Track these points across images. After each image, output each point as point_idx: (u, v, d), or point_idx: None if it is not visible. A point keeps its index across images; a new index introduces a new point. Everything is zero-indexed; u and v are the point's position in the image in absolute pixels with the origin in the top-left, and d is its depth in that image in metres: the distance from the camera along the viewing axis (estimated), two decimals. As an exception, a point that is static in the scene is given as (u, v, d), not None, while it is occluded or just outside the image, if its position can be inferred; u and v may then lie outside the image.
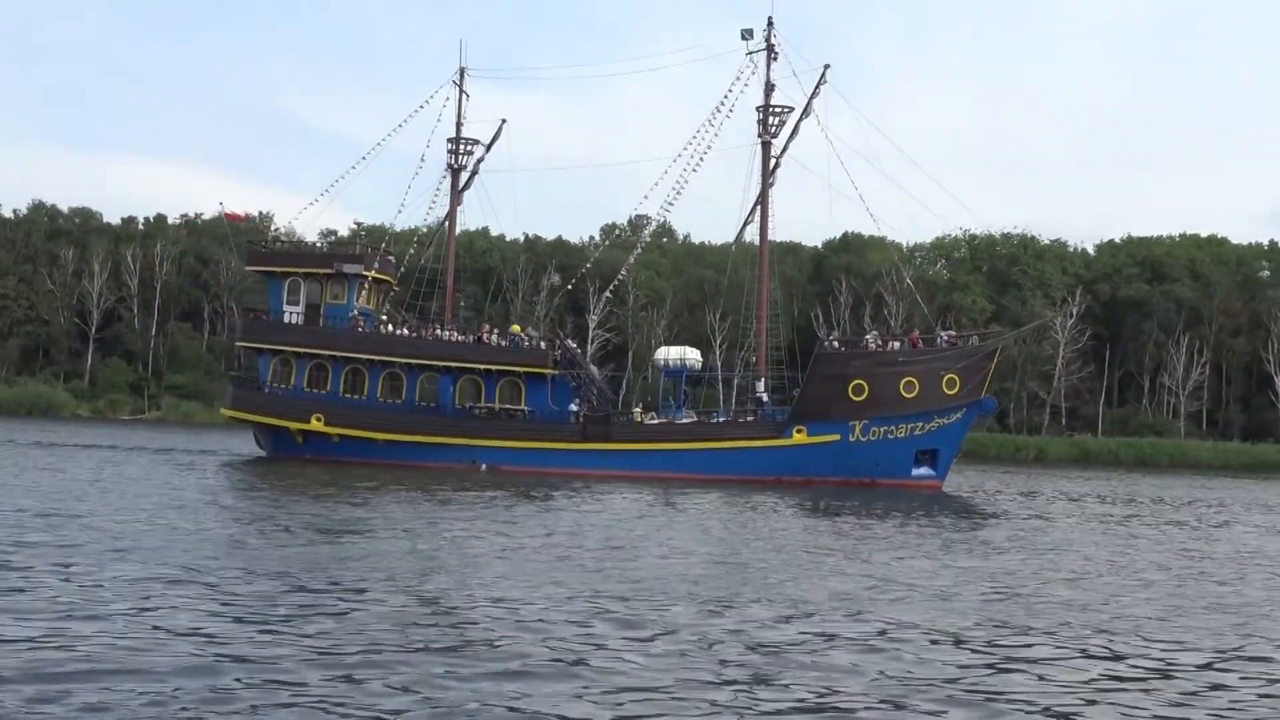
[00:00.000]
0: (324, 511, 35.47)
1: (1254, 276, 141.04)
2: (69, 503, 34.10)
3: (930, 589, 24.16)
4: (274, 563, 23.90)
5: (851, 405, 62.52)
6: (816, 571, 26.28)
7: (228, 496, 40.05)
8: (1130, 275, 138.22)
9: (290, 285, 67.07)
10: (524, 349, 65.83)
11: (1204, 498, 65.30)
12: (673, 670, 16.06)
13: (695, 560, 27.57)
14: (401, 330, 67.04)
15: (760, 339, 69.27)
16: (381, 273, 68.78)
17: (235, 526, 30.06)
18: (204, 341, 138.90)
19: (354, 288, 66.76)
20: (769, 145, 67.55)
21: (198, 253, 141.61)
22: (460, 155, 70.82)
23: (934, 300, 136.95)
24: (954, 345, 65.11)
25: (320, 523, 31.90)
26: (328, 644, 16.63)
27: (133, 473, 48.26)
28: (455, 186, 71.05)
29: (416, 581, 22.17)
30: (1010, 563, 29.77)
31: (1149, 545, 36.49)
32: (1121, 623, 21.29)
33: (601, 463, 62.97)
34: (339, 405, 65.63)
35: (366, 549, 26.65)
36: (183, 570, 22.19)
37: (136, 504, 34.72)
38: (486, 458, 63.51)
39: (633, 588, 22.84)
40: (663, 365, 68.79)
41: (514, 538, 30.41)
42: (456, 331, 68.05)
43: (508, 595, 21.08)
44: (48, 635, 16.28)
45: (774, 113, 67.28)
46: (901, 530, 37.97)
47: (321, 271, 66.92)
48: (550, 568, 25.20)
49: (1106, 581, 27.04)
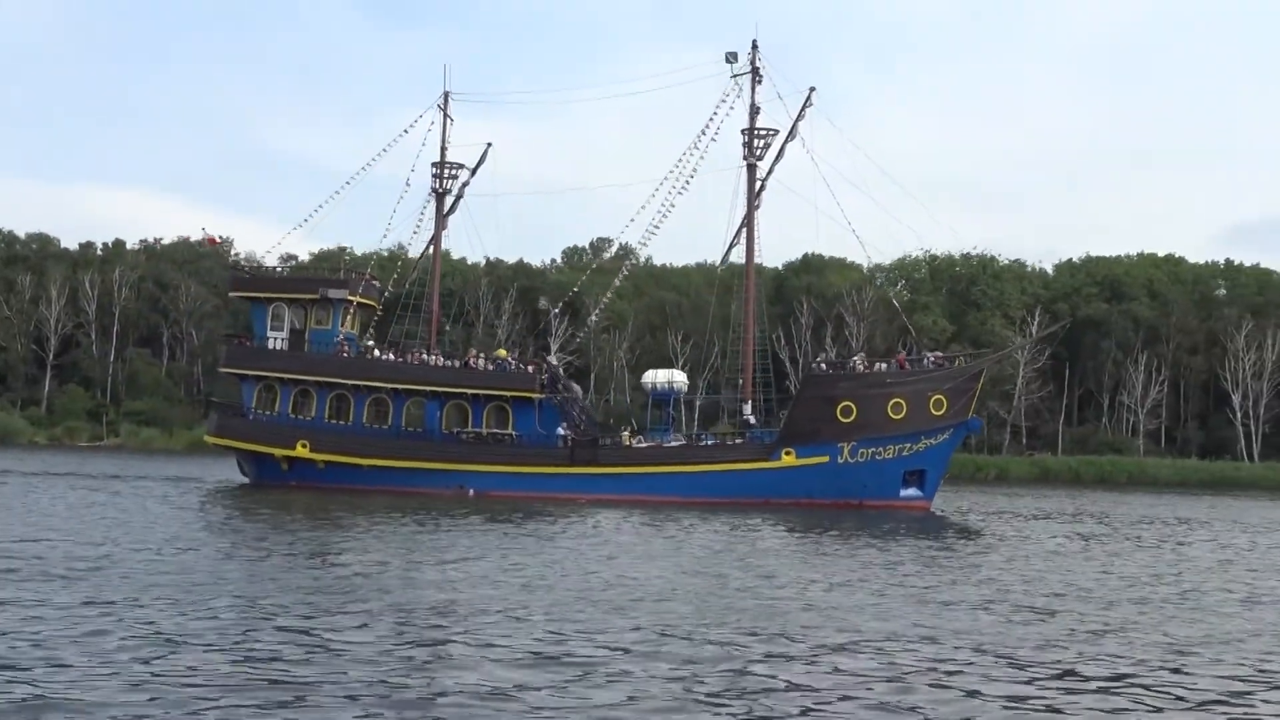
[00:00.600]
0: (313, 541, 35.25)
1: (1210, 295, 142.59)
2: (74, 536, 33.97)
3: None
4: (278, 594, 23.95)
5: (840, 427, 62.68)
6: (824, 604, 26.10)
7: (224, 528, 39.62)
8: (1089, 295, 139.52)
9: (274, 311, 66.68)
10: (511, 373, 65.69)
11: (1191, 516, 65.87)
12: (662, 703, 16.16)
13: (689, 589, 27.41)
14: (387, 355, 66.71)
15: (746, 361, 69.26)
16: (365, 298, 68.44)
17: (235, 560, 29.79)
18: (163, 367, 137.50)
19: (339, 313, 66.46)
20: (754, 168, 67.73)
21: (156, 278, 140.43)
22: (444, 179, 70.59)
23: (894, 321, 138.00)
24: (941, 366, 65.42)
25: (310, 553, 31.70)
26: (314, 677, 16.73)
27: (126, 504, 47.75)
28: (440, 211, 70.84)
29: (403, 616, 21.98)
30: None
31: (1193, 567, 37.02)
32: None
33: (590, 487, 62.81)
34: (325, 431, 65.22)
35: (357, 582, 26.47)
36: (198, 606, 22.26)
37: (144, 538, 34.39)
38: (474, 483, 63.23)
39: (620, 615, 22.91)
40: (650, 388, 68.68)
41: (502, 567, 30.28)
42: (442, 356, 67.81)
43: (496, 630, 20.80)
44: (39, 660, 16.80)
45: (759, 135, 67.46)
46: (913, 557, 38.13)
47: (306, 297, 66.62)
48: (537, 596, 25.20)
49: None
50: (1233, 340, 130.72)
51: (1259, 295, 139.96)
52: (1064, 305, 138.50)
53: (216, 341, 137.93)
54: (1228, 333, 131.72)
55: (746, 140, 67.69)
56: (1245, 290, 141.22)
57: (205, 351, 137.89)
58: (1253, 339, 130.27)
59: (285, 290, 67.40)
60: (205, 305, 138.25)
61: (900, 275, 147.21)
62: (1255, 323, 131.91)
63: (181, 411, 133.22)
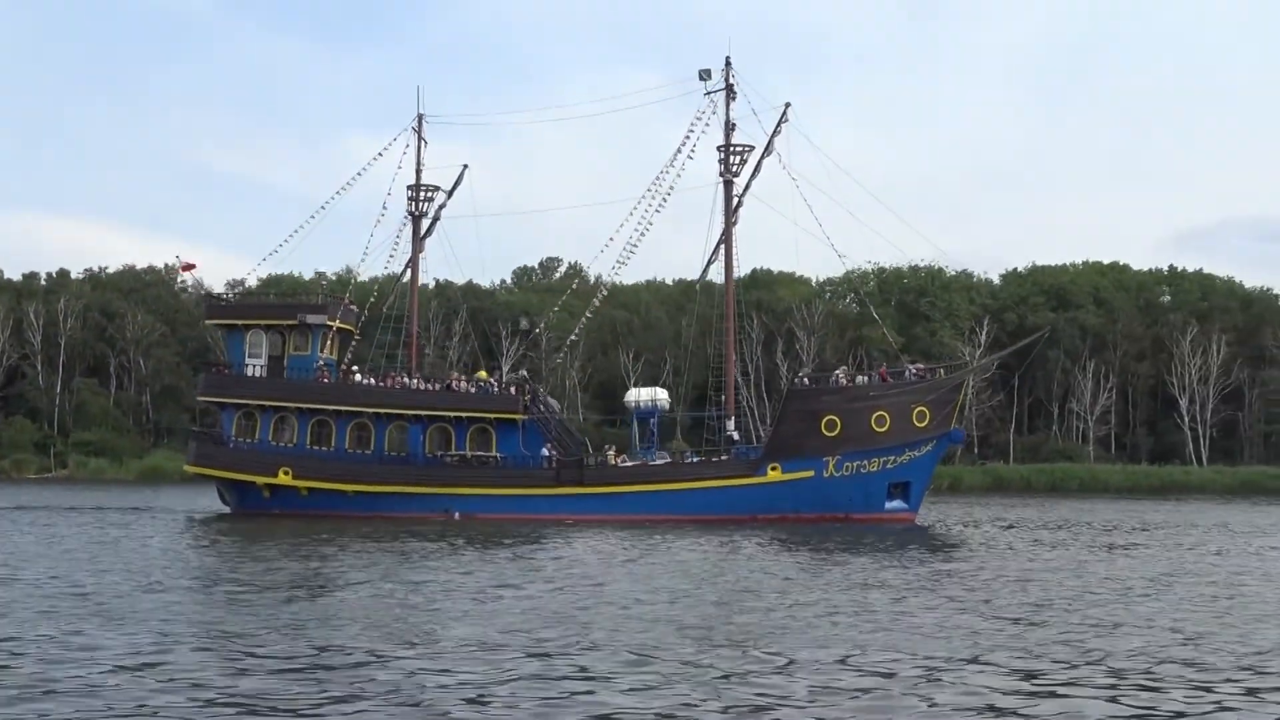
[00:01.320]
0: (301, 569, 34.99)
1: (1155, 301, 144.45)
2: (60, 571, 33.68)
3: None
4: (272, 625, 23.76)
5: (824, 441, 62.91)
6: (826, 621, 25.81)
7: (214, 559, 39.21)
8: (1036, 304, 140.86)
9: (251, 338, 66.15)
10: (495, 395, 65.48)
11: (1165, 521, 66.64)
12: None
13: (680, 606, 27.38)
14: (368, 379, 66.36)
15: (728, 378, 69.50)
16: (344, 323, 68.04)
17: (219, 593, 29.35)
18: (111, 397, 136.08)
19: (317, 338, 66.04)
20: (731, 184, 67.98)
21: (102, 307, 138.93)
22: (420, 202, 70.36)
23: (844, 334, 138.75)
24: (923, 378, 65.81)
25: (300, 583, 31.33)
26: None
27: (112, 535, 47.30)
28: (416, 234, 70.58)
29: (391, 645, 21.78)
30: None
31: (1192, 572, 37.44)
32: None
33: (576, 507, 62.73)
34: (307, 458, 64.78)
35: (353, 609, 26.29)
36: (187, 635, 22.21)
37: (131, 570, 34.07)
38: (459, 506, 63.02)
39: (614, 638, 22.81)
40: (634, 406, 68.64)
41: (494, 591, 30.12)
42: (422, 379, 67.57)
43: (485, 663, 20.34)
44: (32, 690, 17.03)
45: (735, 151, 67.70)
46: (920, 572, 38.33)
47: (284, 323, 66.13)
48: (529, 618, 25.13)
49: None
50: (1178, 346, 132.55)
51: (1203, 300, 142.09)
52: (1012, 315, 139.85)
53: (163, 370, 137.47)
54: (1173, 338, 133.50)
55: (723, 157, 67.93)
56: (1189, 296, 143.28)
57: (154, 380, 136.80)
58: (1197, 344, 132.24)
59: (262, 317, 66.94)
60: (152, 334, 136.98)
61: (849, 289, 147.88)
62: (1200, 328, 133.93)
63: (131, 441, 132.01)
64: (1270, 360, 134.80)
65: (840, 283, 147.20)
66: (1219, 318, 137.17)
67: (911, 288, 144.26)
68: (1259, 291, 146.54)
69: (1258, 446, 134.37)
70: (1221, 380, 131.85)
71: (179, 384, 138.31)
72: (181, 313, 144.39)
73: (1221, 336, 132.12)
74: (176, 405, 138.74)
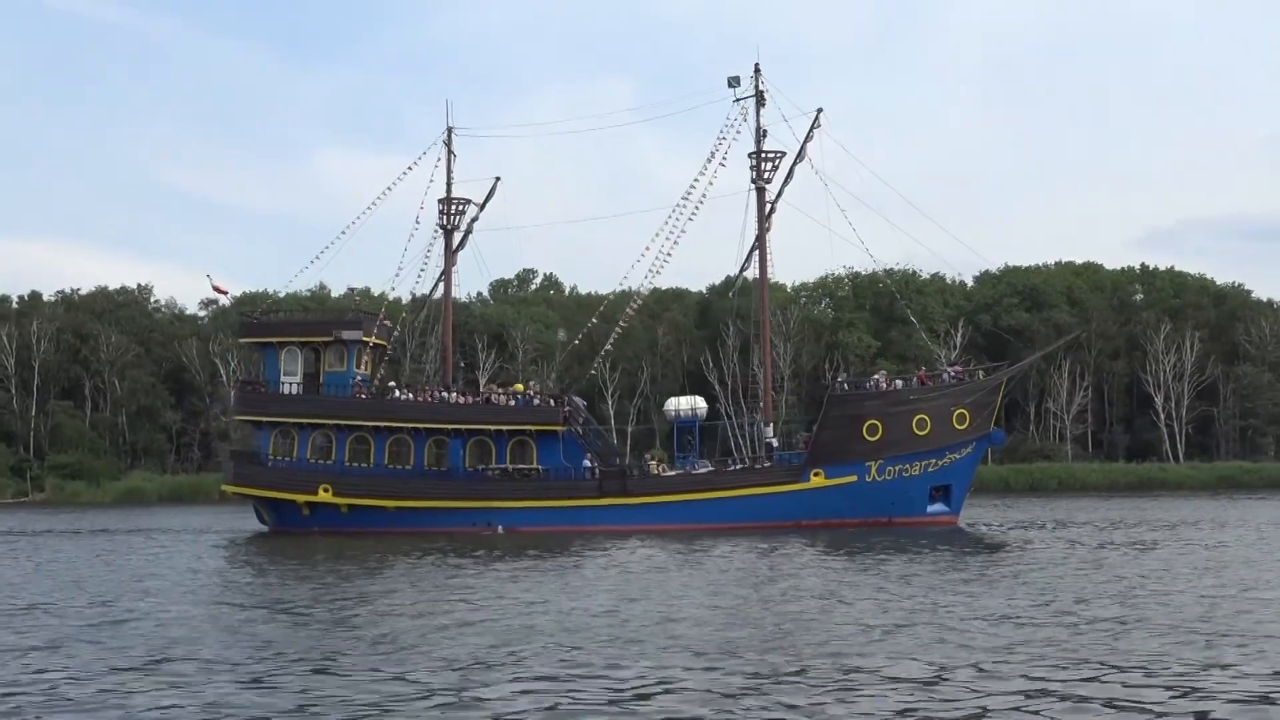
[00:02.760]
0: (359, 588, 34.80)
1: (1128, 300, 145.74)
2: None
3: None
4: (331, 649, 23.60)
5: (867, 445, 63.19)
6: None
7: (262, 579, 38.87)
8: (1010, 305, 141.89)
9: (287, 355, 65.65)
10: (535, 407, 65.25)
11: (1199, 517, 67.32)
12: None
13: (744, 618, 27.07)
14: (405, 395, 66.04)
15: (765, 384, 69.59)
16: (378, 338, 67.73)
17: (283, 614, 29.10)
18: (86, 419, 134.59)
19: (353, 354, 65.66)
20: (763, 190, 68.10)
21: (76, 329, 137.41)
22: (452, 215, 70.11)
23: (820, 339, 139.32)
24: (961, 380, 66.17)
25: (359, 601, 31.18)
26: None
27: (151, 558, 46.76)
28: (449, 247, 70.32)
29: (464, 665, 21.62)
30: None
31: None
32: None
33: (620, 518, 62.59)
34: (347, 475, 64.34)
35: (408, 630, 25.97)
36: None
37: (190, 593, 33.99)
38: (502, 520, 62.77)
39: (691, 648, 22.78)
40: (673, 416, 68.57)
41: (554, 604, 29.98)
42: (458, 393, 67.34)
43: (564, 680, 20.20)
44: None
45: (766, 158, 67.87)
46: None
47: (319, 340, 65.69)
48: (581, 633, 25.02)
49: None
50: (1152, 344, 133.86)
51: (1175, 298, 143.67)
52: (986, 316, 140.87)
53: (139, 390, 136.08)
54: (1147, 336, 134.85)
55: (754, 164, 68.07)
56: (1162, 294, 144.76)
57: (129, 401, 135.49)
58: (1171, 341, 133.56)
59: (298, 334, 66.45)
60: (127, 354, 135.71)
61: (823, 294, 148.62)
62: (1173, 325, 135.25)
63: (108, 463, 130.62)
64: (1244, 356, 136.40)
65: (815, 288, 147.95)
66: (1192, 315, 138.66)
67: (886, 292, 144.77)
68: (1230, 287, 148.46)
69: (1233, 442, 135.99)
70: (1196, 377, 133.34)
71: (154, 404, 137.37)
72: (156, 332, 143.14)
73: (1195, 333, 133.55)
74: (153, 425, 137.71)
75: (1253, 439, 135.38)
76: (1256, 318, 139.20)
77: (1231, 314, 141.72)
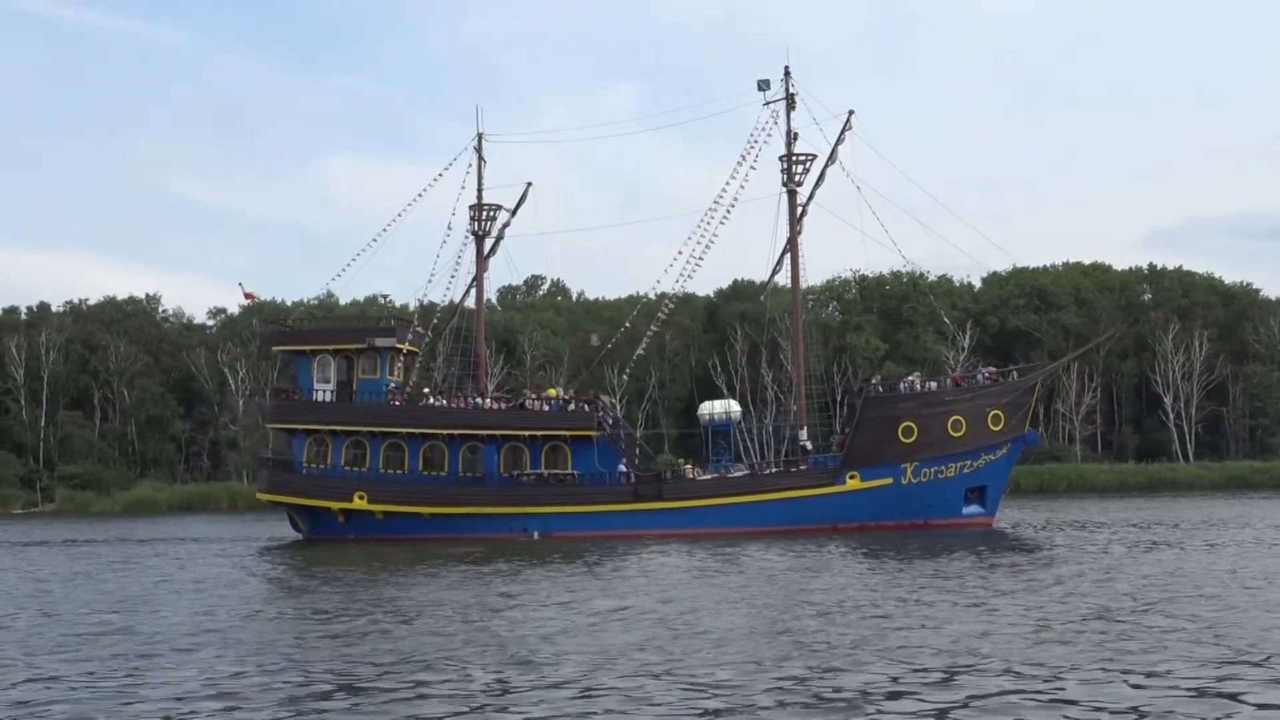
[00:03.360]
0: (420, 596, 34.66)
1: (1137, 300, 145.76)
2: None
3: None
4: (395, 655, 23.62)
5: (902, 447, 63.18)
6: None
7: (309, 587, 38.71)
8: (1017, 306, 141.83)
9: (320, 363, 65.53)
10: (570, 412, 65.20)
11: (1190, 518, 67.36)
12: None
13: (795, 624, 26.96)
14: (439, 401, 65.98)
15: (800, 387, 69.52)
16: (411, 345, 67.68)
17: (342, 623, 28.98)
18: (96, 429, 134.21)
19: (386, 361, 65.56)
20: (794, 194, 68.13)
21: (84, 339, 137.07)
22: (483, 221, 70.03)
23: (829, 342, 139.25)
24: (995, 381, 66.15)
25: (420, 609, 31.01)
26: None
27: (200, 569, 46.51)
28: (480, 253, 70.25)
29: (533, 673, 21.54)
30: None
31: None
32: None
33: (656, 522, 62.54)
34: (382, 482, 64.18)
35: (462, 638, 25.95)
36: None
37: (244, 602, 34.02)
38: (538, 525, 62.68)
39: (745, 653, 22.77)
40: (708, 420, 68.56)
41: (605, 610, 29.94)
42: (492, 399, 67.30)
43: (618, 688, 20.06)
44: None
45: (797, 161, 67.89)
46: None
47: (352, 347, 65.57)
48: (647, 636, 25.10)
49: None
50: (1161, 344, 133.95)
51: (1184, 298, 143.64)
52: (993, 318, 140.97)
53: (147, 400, 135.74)
54: (1155, 336, 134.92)
55: (785, 166, 68.07)
56: (1169, 294, 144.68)
57: (138, 410, 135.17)
58: (1180, 341, 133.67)
59: (331, 342, 66.33)
60: (135, 364, 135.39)
61: (831, 296, 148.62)
62: (1181, 325, 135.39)
63: (117, 473, 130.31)
64: (1253, 355, 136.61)
65: (822, 291, 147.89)
66: (1200, 314, 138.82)
67: (894, 294, 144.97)
68: (1239, 287, 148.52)
69: (1243, 441, 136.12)
70: (1205, 376, 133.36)
71: (163, 414, 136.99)
72: (164, 342, 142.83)
73: (1203, 333, 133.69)
74: (162, 435, 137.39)
75: (1262, 438, 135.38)
76: (1265, 317, 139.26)
77: (1240, 313, 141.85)
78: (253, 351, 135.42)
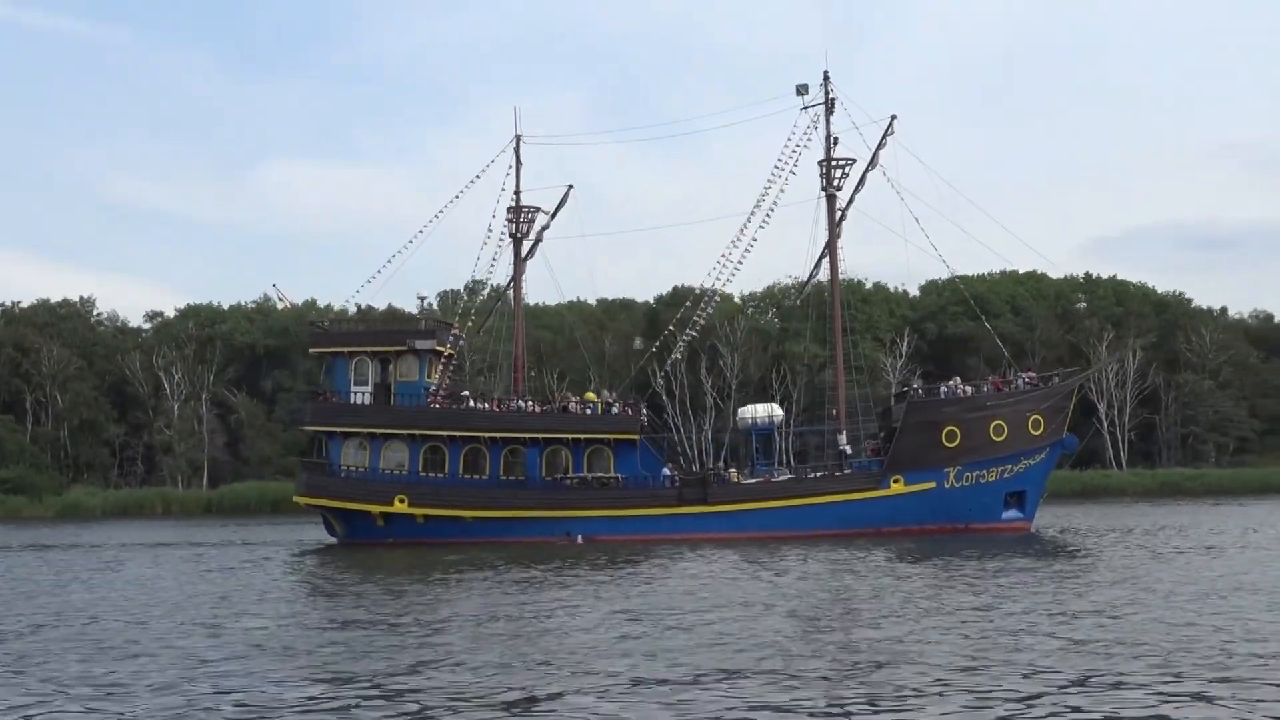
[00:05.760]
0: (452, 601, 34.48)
1: (1072, 308, 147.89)
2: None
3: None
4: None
5: (945, 452, 63.55)
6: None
7: (350, 592, 37.87)
8: (955, 313, 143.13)
9: (358, 365, 64.45)
10: (613, 416, 64.72)
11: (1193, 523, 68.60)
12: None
13: (852, 628, 26.88)
14: (481, 404, 65.22)
15: (839, 391, 69.64)
16: (450, 348, 66.87)
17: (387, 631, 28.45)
18: (27, 433, 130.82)
19: (425, 364, 64.65)
20: (834, 198, 68.38)
21: (16, 342, 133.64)
22: (521, 223, 69.28)
23: (767, 349, 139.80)
24: (1035, 386, 66.75)
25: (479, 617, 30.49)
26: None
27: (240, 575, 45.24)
28: (518, 255, 69.48)
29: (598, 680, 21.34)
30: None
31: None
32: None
33: (700, 526, 62.30)
34: (423, 485, 63.22)
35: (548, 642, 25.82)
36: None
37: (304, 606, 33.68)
38: (581, 529, 62.11)
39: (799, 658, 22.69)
40: (750, 423, 68.42)
41: (654, 616, 29.68)
42: (533, 403, 66.69)
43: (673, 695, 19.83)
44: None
45: (836, 165, 68.08)
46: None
47: (391, 349, 64.55)
48: (701, 643, 24.89)
49: None
50: (1095, 351, 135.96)
51: (1118, 306, 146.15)
52: (931, 325, 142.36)
53: (81, 404, 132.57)
54: (1090, 344, 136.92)
55: (824, 171, 68.24)
56: (1104, 302, 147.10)
57: (71, 414, 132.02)
58: (1113, 349, 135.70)
59: (369, 344, 65.16)
60: (69, 368, 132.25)
61: (770, 304, 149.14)
62: (1116, 333, 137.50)
63: (49, 477, 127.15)
64: (1185, 364, 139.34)
65: (762, 298, 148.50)
66: (1134, 323, 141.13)
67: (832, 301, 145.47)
68: (1172, 296, 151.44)
69: (1175, 449, 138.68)
70: (1138, 384, 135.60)
71: (97, 418, 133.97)
72: (98, 345, 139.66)
73: (1137, 341, 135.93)
74: (95, 439, 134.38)
75: (1193, 446, 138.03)
76: (1197, 326, 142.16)
77: (1173, 322, 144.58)
78: (188, 355, 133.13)
